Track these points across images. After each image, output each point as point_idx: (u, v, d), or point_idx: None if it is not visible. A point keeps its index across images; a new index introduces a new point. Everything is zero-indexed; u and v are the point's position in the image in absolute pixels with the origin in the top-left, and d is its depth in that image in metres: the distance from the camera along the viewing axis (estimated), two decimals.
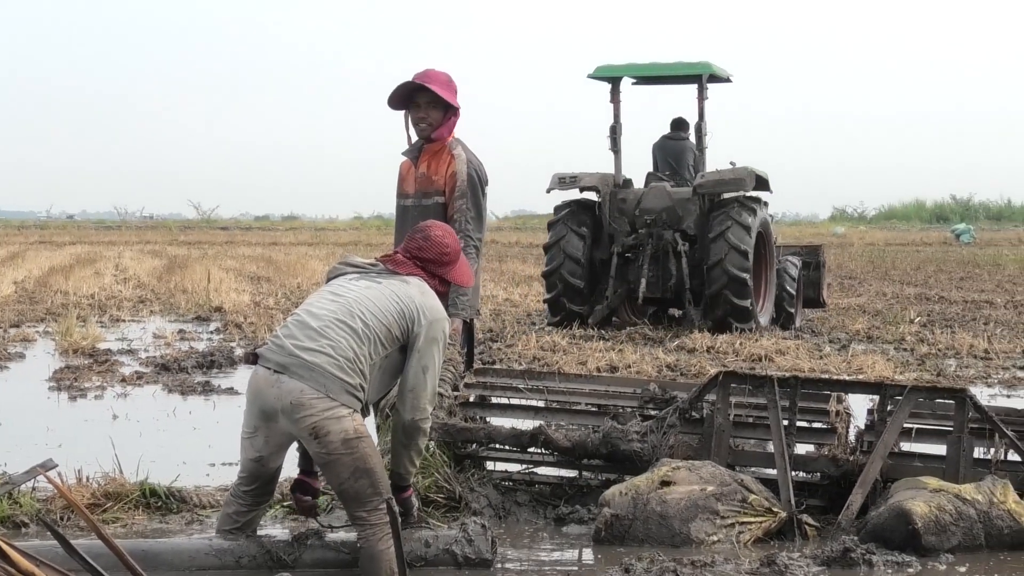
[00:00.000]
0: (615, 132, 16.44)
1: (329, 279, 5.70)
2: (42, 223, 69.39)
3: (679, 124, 16.80)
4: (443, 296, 5.74)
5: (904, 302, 19.57)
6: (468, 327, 7.21)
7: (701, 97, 16.15)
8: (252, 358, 5.45)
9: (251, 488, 5.58)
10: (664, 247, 15.56)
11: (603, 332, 14.92)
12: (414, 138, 7.22)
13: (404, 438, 5.55)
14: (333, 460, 5.26)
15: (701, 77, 16.14)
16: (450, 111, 7.09)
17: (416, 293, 5.52)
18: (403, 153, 7.30)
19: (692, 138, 16.69)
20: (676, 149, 16.74)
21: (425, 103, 7.06)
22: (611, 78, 16.45)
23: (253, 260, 32.26)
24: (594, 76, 16.34)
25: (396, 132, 7.29)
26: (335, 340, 5.30)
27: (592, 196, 16.12)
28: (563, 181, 15.80)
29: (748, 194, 15.63)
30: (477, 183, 7.08)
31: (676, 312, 16.49)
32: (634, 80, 16.78)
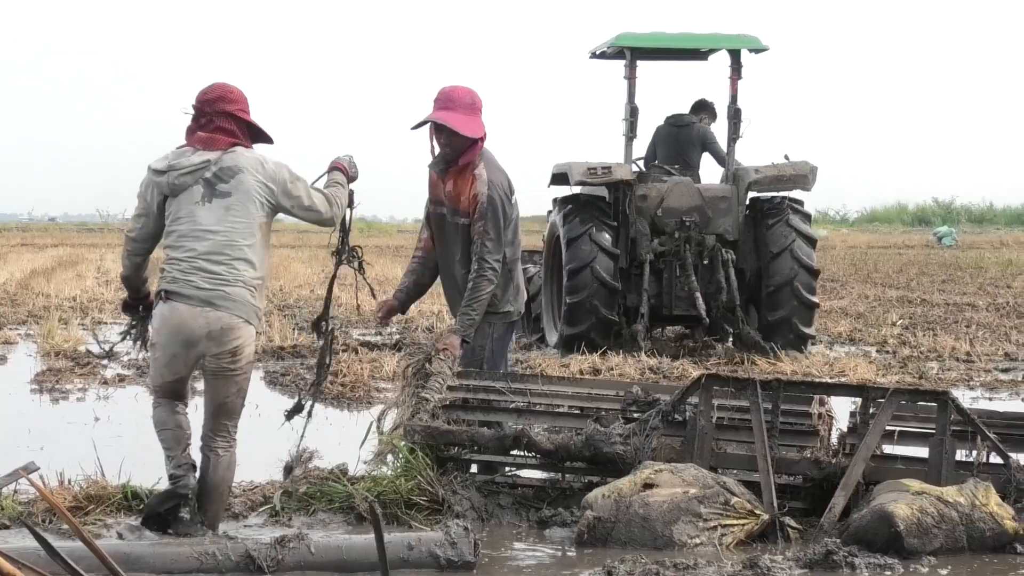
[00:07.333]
0: (633, 115, 13.52)
1: (175, 192, 6.07)
2: (24, 225, 68.98)
3: (701, 107, 14.25)
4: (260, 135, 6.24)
5: (886, 305, 19.62)
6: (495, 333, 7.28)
7: (735, 76, 13.48)
8: (164, 295, 6.03)
9: (171, 398, 6.22)
10: (710, 255, 13.13)
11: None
12: (437, 149, 7.17)
13: (338, 208, 6.29)
14: (233, 375, 6.05)
15: (739, 53, 13.47)
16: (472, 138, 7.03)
17: (252, 168, 6.04)
18: (428, 165, 7.25)
19: (705, 123, 14.08)
20: (684, 137, 14.06)
21: (448, 131, 7.01)
22: (632, 49, 13.50)
23: None
24: (614, 45, 13.47)
25: (382, 134, 7.29)
26: (240, 272, 6.00)
27: (602, 192, 13.42)
28: (593, 172, 12.95)
29: (789, 195, 13.35)
30: (498, 205, 7.03)
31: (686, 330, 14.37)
32: (635, 54, 13.57)
